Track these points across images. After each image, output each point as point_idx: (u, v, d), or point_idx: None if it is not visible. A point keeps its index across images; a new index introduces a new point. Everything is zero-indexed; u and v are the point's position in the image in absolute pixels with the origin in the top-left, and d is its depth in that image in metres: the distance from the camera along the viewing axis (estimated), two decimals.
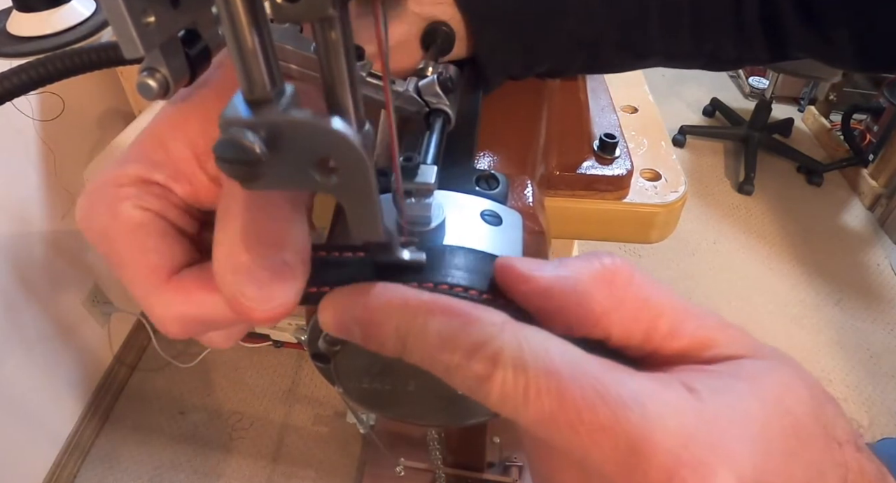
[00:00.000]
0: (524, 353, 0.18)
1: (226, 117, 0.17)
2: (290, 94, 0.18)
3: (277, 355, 1.72)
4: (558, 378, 0.17)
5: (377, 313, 0.20)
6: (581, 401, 0.17)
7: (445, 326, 0.19)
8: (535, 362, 0.18)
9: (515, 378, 0.18)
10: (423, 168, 0.24)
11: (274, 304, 0.20)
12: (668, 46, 0.40)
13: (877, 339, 1.75)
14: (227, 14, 0.16)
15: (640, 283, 0.20)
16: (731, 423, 0.17)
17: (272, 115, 0.17)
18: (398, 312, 0.20)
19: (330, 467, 1.48)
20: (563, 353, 0.18)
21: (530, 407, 0.17)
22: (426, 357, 0.19)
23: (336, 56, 0.18)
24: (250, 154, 0.16)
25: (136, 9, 0.19)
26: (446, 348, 0.19)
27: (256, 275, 0.19)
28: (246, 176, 0.17)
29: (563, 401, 0.17)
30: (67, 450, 1.46)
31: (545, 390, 0.17)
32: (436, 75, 0.31)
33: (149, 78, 0.22)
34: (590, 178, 0.48)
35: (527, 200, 0.30)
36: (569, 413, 0.17)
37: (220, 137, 0.17)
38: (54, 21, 0.87)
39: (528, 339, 0.18)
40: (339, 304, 0.21)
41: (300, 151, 0.17)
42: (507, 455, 1.25)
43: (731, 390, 0.18)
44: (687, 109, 2.75)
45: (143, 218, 0.22)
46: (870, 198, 2.19)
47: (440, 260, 0.22)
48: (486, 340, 0.18)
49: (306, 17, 0.16)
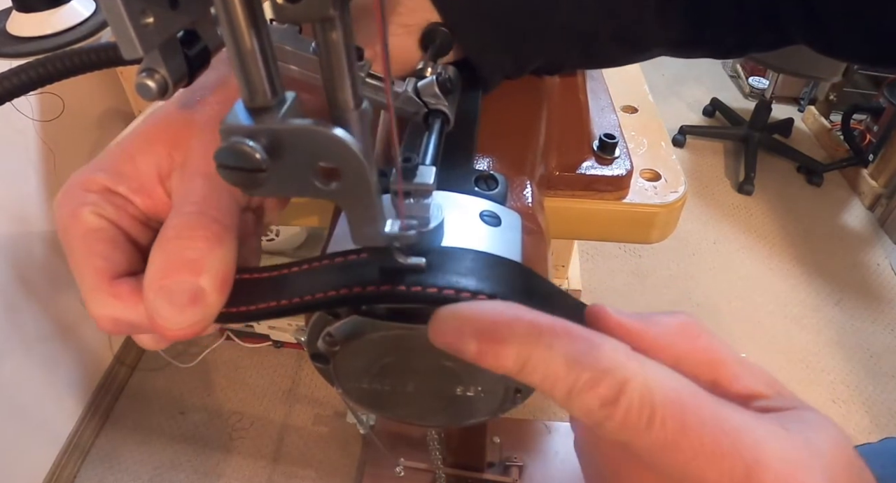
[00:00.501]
0: (650, 381, 0.19)
1: (227, 125, 0.17)
2: (291, 102, 0.18)
3: (278, 355, 1.72)
4: (682, 407, 0.19)
5: (502, 330, 0.19)
6: (703, 428, 0.18)
7: (571, 349, 0.19)
8: (660, 391, 0.19)
9: (641, 405, 0.18)
10: (422, 169, 0.24)
11: (184, 325, 0.22)
12: (667, 35, 0.39)
13: (877, 339, 1.75)
14: (227, 22, 0.16)
15: (710, 335, 0.23)
16: (813, 456, 0.19)
17: (273, 122, 0.17)
18: (524, 331, 0.19)
19: (330, 467, 1.48)
20: (684, 383, 0.20)
21: (653, 434, 0.18)
22: (548, 379, 0.19)
23: (336, 56, 0.18)
24: (251, 161, 0.17)
25: (134, 10, 0.19)
26: (573, 371, 0.19)
27: (174, 298, 0.22)
28: (247, 183, 0.17)
29: (686, 428, 0.18)
30: (67, 450, 1.46)
31: (670, 418, 0.18)
32: (435, 76, 0.31)
33: (147, 79, 0.22)
34: (589, 178, 0.48)
35: (526, 201, 0.30)
36: (692, 439, 0.18)
37: (222, 145, 0.17)
38: (54, 21, 0.87)
39: (652, 367, 0.19)
40: (458, 316, 0.20)
41: (301, 158, 0.17)
42: (507, 455, 1.25)
43: (807, 429, 0.20)
44: (687, 109, 2.75)
45: (98, 224, 0.25)
46: (870, 198, 2.19)
47: (448, 262, 0.22)
48: (615, 367, 0.19)
49: (307, 17, 0.16)
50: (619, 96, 0.60)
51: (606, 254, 2.01)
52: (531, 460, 1.25)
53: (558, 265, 1.26)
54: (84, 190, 0.25)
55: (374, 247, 0.21)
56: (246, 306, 0.23)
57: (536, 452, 1.27)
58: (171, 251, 0.22)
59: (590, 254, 2.01)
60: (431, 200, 0.23)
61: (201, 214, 0.23)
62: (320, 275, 0.23)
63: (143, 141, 0.26)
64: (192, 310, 0.22)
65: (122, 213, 0.25)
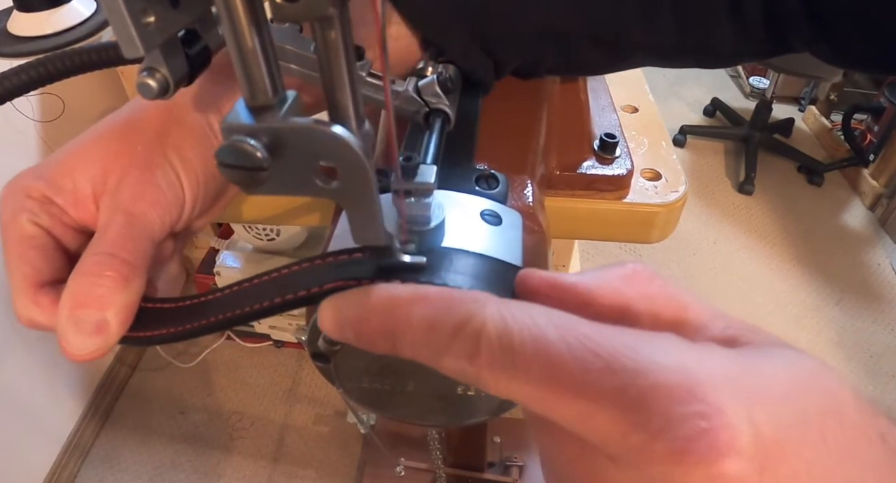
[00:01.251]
0: (508, 323, 0.17)
1: (228, 123, 0.17)
2: (292, 100, 0.18)
3: (278, 355, 1.72)
4: (545, 342, 0.17)
5: (364, 310, 0.20)
6: (572, 361, 0.16)
7: (429, 312, 0.19)
8: (520, 330, 0.17)
9: (502, 349, 0.17)
10: (423, 168, 0.24)
11: (86, 352, 0.25)
12: (650, 39, 0.37)
13: (877, 340, 1.75)
14: (228, 21, 0.16)
15: (664, 281, 0.21)
16: (762, 377, 0.17)
17: (274, 121, 0.17)
18: (384, 306, 0.20)
19: (330, 467, 1.48)
20: (550, 316, 0.18)
21: (522, 376, 0.17)
22: (415, 348, 0.19)
23: (336, 56, 0.18)
24: (252, 160, 0.17)
25: (135, 9, 0.19)
26: (432, 333, 0.18)
27: (81, 326, 0.25)
28: (248, 182, 0.17)
29: (552, 364, 0.16)
30: (68, 449, 1.46)
31: (533, 355, 0.17)
32: (435, 75, 0.31)
33: (149, 78, 0.22)
34: (590, 177, 0.48)
35: (526, 200, 0.30)
36: (561, 376, 0.16)
37: (223, 143, 0.17)
38: (54, 21, 0.87)
39: (511, 310, 0.18)
40: (333, 306, 0.21)
41: (302, 157, 0.17)
42: (507, 455, 1.25)
43: (759, 354, 0.18)
44: (687, 109, 2.75)
45: (32, 232, 0.27)
46: (870, 198, 2.19)
47: (439, 263, 0.22)
48: (469, 317, 0.18)
49: (306, 16, 0.16)
50: (619, 96, 0.60)
51: (607, 254, 2.01)
52: (532, 460, 1.25)
53: (559, 265, 1.26)
54: (25, 195, 0.27)
55: (374, 246, 0.21)
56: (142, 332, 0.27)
57: (537, 452, 1.27)
58: (84, 285, 0.25)
59: (590, 253, 2.01)
60: (432, 199, 0.23)
61: (113, 256, 0.26)
62: (315, 273, 0.23)
63: (83, 157, 0.28)
64: (94, 338, 0.25)
65: (56, 223, 0.28)
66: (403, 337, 0.19)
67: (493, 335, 0.17)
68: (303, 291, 0.22)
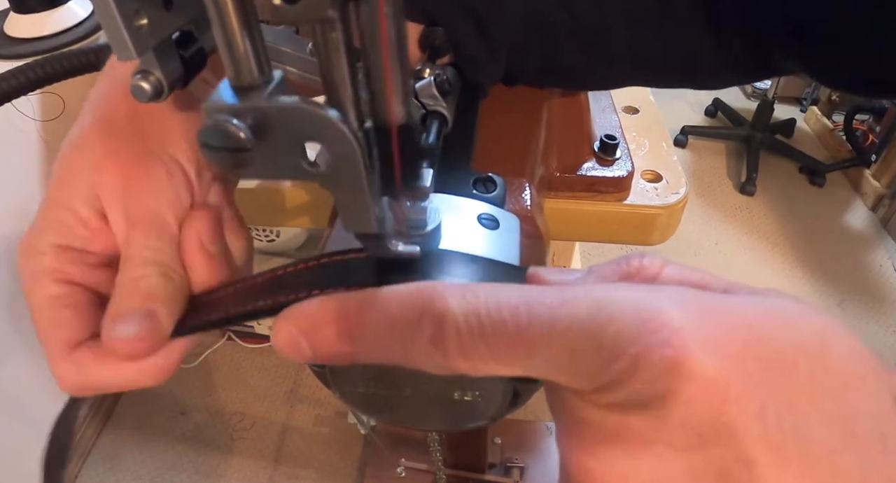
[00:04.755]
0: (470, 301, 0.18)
1: (211, 103, 0.16)
2: (278, 80, 0.18)
3: (279, 356, 1.71)
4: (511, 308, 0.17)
5: (315, 318, 0.20)
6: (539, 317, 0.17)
7: (387, 306, 0.19)
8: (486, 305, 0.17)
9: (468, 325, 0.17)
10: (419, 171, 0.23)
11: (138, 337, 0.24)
12: (633, 46, 0.37)
13: (879, 340, 1.74)
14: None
15: (674, 268, 0.20)
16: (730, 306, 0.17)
17: (259, 100, 0.17)
18: (336, 311, 0.19)
19: (331, 468, 1.47)
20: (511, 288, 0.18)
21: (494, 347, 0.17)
22: (378, 345, 0.19)
23: (336, 57, 0.17)
24: (236, 141, 0.16)
25: (128, 11, 0.18)
26: (394, 326, 0.18)
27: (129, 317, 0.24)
28: (231, 163, 0.17)
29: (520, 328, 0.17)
30: None
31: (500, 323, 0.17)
32: (433, 77, 0.30)
33: (142, 80, 0.22)
34: (590, 179, 0.47)
35: (524, 203, 0.30)
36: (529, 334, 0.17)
37: (205, 123, 0.16)
38: (52, 22, 0.87)
39: (472, 289, 0.18)
40: (284, 321, 0.21)
41: (288, 138, 0.17)
42: (508, 456, 1.25)
43: (756, 296, 0.18)
44: (689, 110, 2.74)
45: (59, 291, 0.25)
46: (872, 198, 2.19)
47: (434, 266, 0.22)
48: (429, 302, 0.18)
49: (305, 18, 0.16)
50: (620, 97, 0.60)
51: (608, 255, 2.00)
52: (532, 461, 1.24)
53: (559, 266, 1.26)
54: (38, 252, 0.25)
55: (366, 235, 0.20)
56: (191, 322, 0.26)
57: (538, 453, 1.27)
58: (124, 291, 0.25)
59: (591, 255, 2.01)
60: (429, 203, 0.23)
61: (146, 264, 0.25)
62: (311, 275, 0.23)
63: (67, 187, 0.26)
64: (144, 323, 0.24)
65: (82, 268, 0.26)
66: (364, 337, 0.19)
67: (458, 315, 0.17)
68: (292, 296, 0.22)
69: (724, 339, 0.16)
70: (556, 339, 0.17)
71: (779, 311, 0.17)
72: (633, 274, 0.20)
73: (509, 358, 0.17)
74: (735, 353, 0.16)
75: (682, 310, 0.16)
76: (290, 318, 0.20)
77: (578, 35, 0.37)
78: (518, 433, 1.30)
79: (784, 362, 0.16)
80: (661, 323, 0.16)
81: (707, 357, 0.15)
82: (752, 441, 0.15)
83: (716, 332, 0.16)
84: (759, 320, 0.17)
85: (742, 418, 0.15)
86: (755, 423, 0.15)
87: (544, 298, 0.17)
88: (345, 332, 0.19)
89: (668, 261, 0.20)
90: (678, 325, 0.16)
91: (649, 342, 0.15)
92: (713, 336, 0.16)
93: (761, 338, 0.16)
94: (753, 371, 0.15)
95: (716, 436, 0.15)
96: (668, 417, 0.15)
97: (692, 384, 0.15)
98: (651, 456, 0.16)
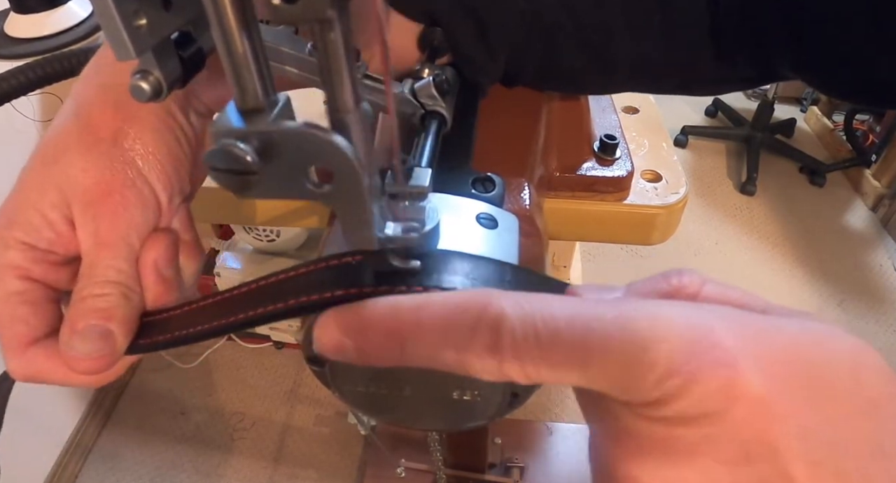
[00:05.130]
0: (526, 308, 0.18)
1: (217, 127, 0.17)
2: (283, 104, 0.18)
3: (279, 356, 1.72)
4: (567, 319, 0.17)
5: (366, 322, 0.20)
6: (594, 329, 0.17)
7: (440, 311, 0.19)
8: (541, 313, 0.18)
9: (525, 333, 0.17)
10: (418, 171, 0.23)
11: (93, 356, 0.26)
12: (633, 49, 0.37)
13: (879, 340, 1.74)
14: (218, 25, 0.16)
15: (715, 285, 0.21)
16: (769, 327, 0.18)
17: (264, 124, 0.17)
18: (388, 315, 0.19)
19: (331, 468, 1.48)
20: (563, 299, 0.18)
21: (550, 355, 0.17)
22: (430, 353, 0.19)
23: (336, 57, 0.17)
24: (242, 163, 0.16)
25: (127, 11, 0.18)
26: (448, 331, 0.18)
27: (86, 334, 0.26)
28: (238, 185, 0.17)
29: (575, 338, 0.17)
30: (69, 450, 1.46)
31: (555, 333, 0.17)
32: (432, 77, 0.30)
33: (141, 80, 0.22)
34: (590, 179, 0.47)
35: (523, 203, 0.30)
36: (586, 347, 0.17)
37: (212, 147, 0.17)
38: (52, 22, 0.87)
39: (525, 297, 0.18)
40: (329, 320, 0.20)
41: (293, 161, 0.17)
42: (508, 456, 1.25)
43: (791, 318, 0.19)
44: (689, 109, 2.74)
45: (21, 287, 0.27)
46: (872, 198, 2.19)
47: (434, 266, 0.22)
48: (484, 308, 0.18)
49: (304, 18, 0.16)
50: (620, 97, 0.60)
51: (608, 254, 2.01)
52: (532, 461, 1.25)
53: (560, 266, 1.26)
54: (5, 247, 0.26)
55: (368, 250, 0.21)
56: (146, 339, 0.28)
57: (538, 453, 1.27)
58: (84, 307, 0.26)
59: (592, 254, 2.01)
60: (427, 203, 0.23)
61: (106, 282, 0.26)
62: (310, 281, 0.23)
63: (39, 190, 0.27)
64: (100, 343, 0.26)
65: (44, 267, 0.27)
66: (416, 342, 0.19)
67: (515, 321, 0.18)
68: (292, 301, 0.22)
69: (769, 359, 0.17)
70: (611, 353, 0.17)
71: (814, 332, 0.18)
72: (673, 293, 0.21)
73: (562, 367, 0.18)
74: (780, 373, 0.16)
75: (730, 329, 0.17)
76: (336, 318, 0.20)
77: (578, 36, 0.36)
78: (518, 433, 1.30)
79: (822, 382, 0.17)
80: (712, 343, 0.16)
81: (755, 377, 0.16)
82: (793, 458, 0.16)
83: (761, 352, 0.17)
84: (799, 341, 0.18)
85: (785, 437, 0.16)
86: (797, 442, 0.16)
87: (599, 311, 0.18)
88: (395, 334, 0.19)
89: (707, 277, 0.21)
90: (729, 345, 0.16)
91: (702, 362, 0.16)
92: (759, 356, 0.17)
93: (802, 358, 0.17)
94: (796, 390, 0.16)
95: (760, 452, 0.16)
96: (715, 433, 0.16)
97: (741, 403, 0.16)
98: (696, 468, 0.17)
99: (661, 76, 0.39)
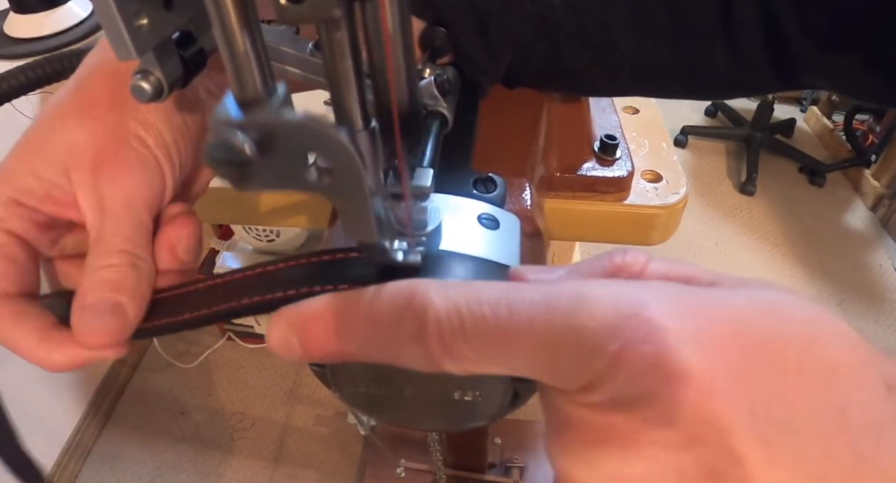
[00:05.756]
0: (451, 295, 0.17)
1: (216, 118, 0.17)
2: (282, 95, 0.18)
3: (279, 356, 1.72)
4: (492, 304, 0.17)
5: (305, 315, 0.20)
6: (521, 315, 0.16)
7: (376, 305, 0.18)
8: (466, 300, 0.17)
9: (450, 320, 0.17)
10: (419, 171, 0.23)
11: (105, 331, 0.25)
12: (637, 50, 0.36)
13: (879, 340, 1.74)
14: (216, 13, 0.16)
15: (660, 262, 0.20)
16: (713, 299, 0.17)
17: (263, 115, 0.17)
18: (325, 310, 0.19)
19: (331, 468, 1.47)
20: (490, 284, 0.18)
21: (476, 341, 0.17)
22: (367, 343, 0.19)
23: (342, 57, 0.17)
24: (241, 155, 0.16)
25: (128, 11, 0.18)
26: (380, 323, 0.18)
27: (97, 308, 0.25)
28: (237, 176, 0.17)
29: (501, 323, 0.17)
30: (69, 450, 1.46)
31: (481, 317, 0.17)
32: (433, 77, 0.30)
33: (142, 80, 0.22)
34: (590, 179, 0.47)
35: (524, 203, 0.30)
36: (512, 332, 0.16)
37: (211, 138, 0.16)
38: (51, 22, 0.87)
39: (452, 285, 0.18)
40: (277, 319, 0.21)
41: (292, 152, 0.17)
42: (508, 456, 1.25)
43: (742, 287, 0.18)
44: (689, 110, 2.74)
45: (2, 240, 0.26)
46: (872, 198, 2.19)
47: (435, 267, 0.22)
48: (409, 297, 0.18)
49: (311, 17, 0.16)
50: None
51: None
52: (532, 461, 1.24)
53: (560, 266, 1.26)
54: None
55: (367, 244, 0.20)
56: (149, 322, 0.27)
57: (538, 453, 1.27)
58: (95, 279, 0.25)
59: (592, 255, 2.01)
60: (429, 203, 0.23)
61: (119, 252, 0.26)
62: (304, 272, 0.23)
63: (42, 151, 0.27)
64: (112, 318, 0.25)
65: (27, 225, 0.27)
66: (352, 335, 0.19)
67: (440, 309, 0.17)
68: (292, 290, 0.22)
69: (708, 332, 0.15)
70: (536, 336, 0.16)
71: (766, 301, 0.17)
72: (617, 271, 0.20)
73: (490, 355, 0.17)
74: (720, 347, 0.15)
75: (665, 304, 0.16)
76: (283, 315, 0.21)
77: (581, 35, 0.36)
78: (518, 433, 1.30)
79: (771, 353, 0.15)
80: (642, 319, 0.15)
81: (690, 352, 0.15)
82: (741, 437, 0.14)
83: (700, 326, 0.15)
84: (746, 312, 0.16)
85: (729, 414, 0.14)
86: (743, 419, 0.14)
87: (525, 294, 0.17)
88: (334, 329, 0.19)
89: (653, 256, 0.20)
90: (660, 321, 0.15)
91: (630, 339, 0.15)
92: (697, 330, 0.15)
93: (747, 329, 0.16)
94: (739, 364, 0.15)
95: (703, 434, 0.15)
96: (653, 416, 0.15)
97: (676, 381, 0.15)
98: (638, 458, 0.15)
99: (666, 77, 0.38)
